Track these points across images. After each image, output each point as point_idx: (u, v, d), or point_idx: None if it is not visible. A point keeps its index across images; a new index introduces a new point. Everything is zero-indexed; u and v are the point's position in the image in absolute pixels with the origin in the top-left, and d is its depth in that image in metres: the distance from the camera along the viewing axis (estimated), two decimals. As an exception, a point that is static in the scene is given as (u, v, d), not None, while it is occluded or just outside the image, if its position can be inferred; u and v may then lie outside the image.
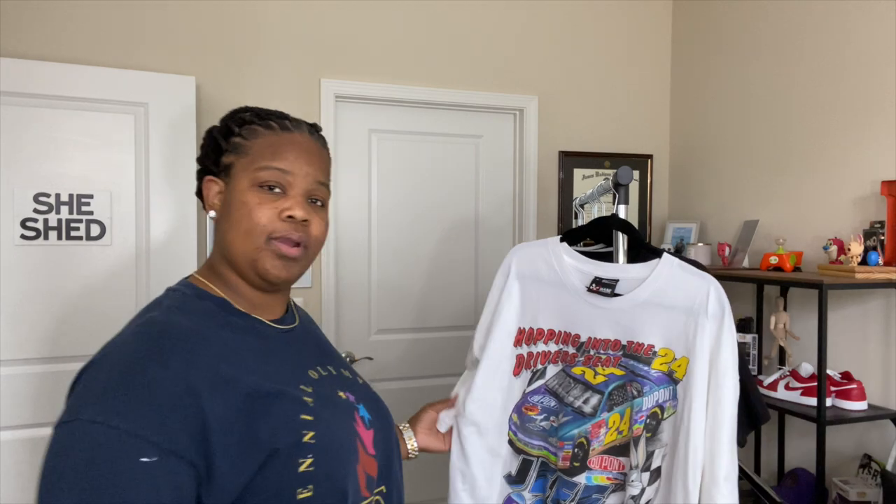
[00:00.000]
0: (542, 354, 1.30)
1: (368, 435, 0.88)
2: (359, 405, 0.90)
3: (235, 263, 0.86)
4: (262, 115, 0.90)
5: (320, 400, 0.83)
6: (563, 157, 2.93)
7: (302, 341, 0.93)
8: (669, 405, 1.21)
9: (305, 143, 0.89)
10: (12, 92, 2.05)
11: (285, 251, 0.84)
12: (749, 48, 2.62)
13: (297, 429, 0.77)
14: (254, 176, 0.85)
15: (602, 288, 1.25)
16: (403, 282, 2.76)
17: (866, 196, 2.12)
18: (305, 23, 2.55)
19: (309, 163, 0.88)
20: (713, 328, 1.17)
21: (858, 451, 2.11)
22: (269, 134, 0.88)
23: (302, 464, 0.75)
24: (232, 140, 0.89)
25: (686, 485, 1.15)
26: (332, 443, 0.79)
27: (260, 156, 0.86)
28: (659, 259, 1.24)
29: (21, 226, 2.09)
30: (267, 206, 0.84)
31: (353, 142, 2.68)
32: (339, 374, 0.94)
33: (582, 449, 1.24)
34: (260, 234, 0.83)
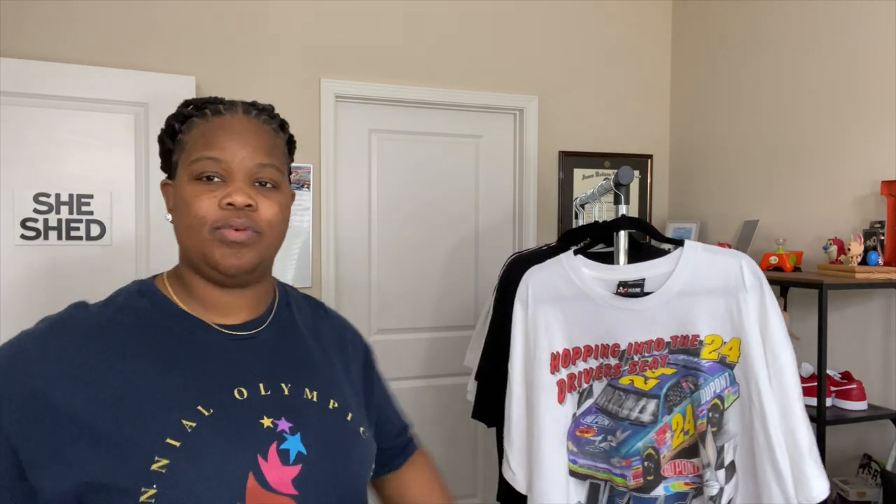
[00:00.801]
0: (584, 373, 1.25)
1: (284, 472, 0.77)
2: (292, 436, 0.79)
3: (190, 261, 0.83)
4: (199, 105, 0.86)
5: (212, 426, 0.75)
6: (563, 157, 2.93)
7: (255, 351, 0.85)
8: (729, 393, 1.16)
9: (238, 124, 0.84)
10: (12, 92, 2.05)
11: (231, 237, 0.79)
12: (749, 48, 2.62)
13: (151, 455, 0.71)
14: (190, 169, 0.81)
15: (631, 289, 1.22)
16: (403, 282, 2.76)
17: (866, 196, 2.12)
18: (305, 23, 2.55)
19: (243, 145, 0.82)
20: (755, 300, 1.14)
21: (858, 451, 2.11)
22: (201, 123, 0.83)
23: (144, 493, 0.69)
24: (177, 138, 0.85)
25: (777, 467, 1.09)
26: (193, 476, 0.71)
27: (193, 147, 0.82)
28: (682, 248, 1.20)
29: (21, 226, 2.09)
30: (205, 196, 0.79)
31: (353, 142, 2.68)
32: (292, 396, 0.83)
33: (652, 460, 1.19)
34: (201, 226, 0.79)
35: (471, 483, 2.86)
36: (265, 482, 0.75)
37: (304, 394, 0.85)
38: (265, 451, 0.76)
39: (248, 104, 0.88)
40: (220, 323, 0.84)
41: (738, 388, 1.15)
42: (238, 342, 0.84)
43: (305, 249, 2.56)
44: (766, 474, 1.11)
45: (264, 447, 0.77)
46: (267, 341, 0.87)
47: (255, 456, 0.76)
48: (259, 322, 0.88)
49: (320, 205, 2.57)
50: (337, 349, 0.97)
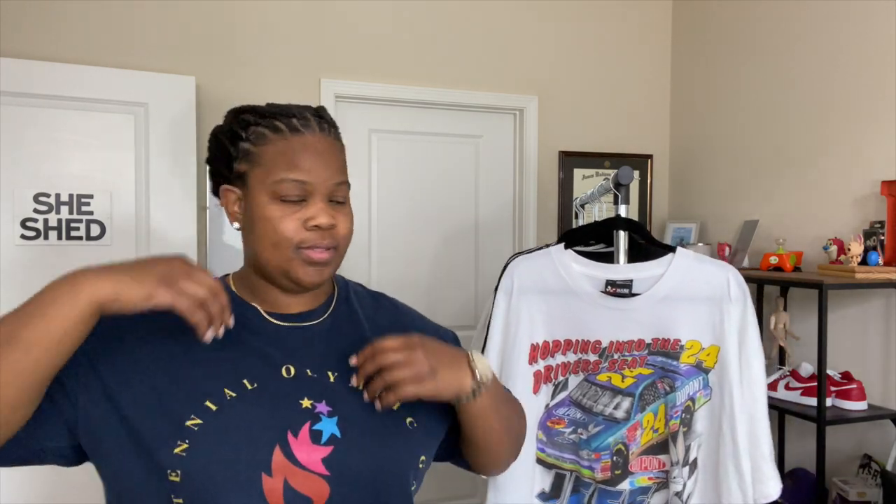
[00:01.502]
0: (561, 366, 1.27)
1: (314, 450, 0.79)
2: (329, 418, 0.82)
3: (266, 272, 0.86)
4: (265, 115, 0.86)
5: (251, 398, 0.80)
6: (563, 157, 2.93)
7: (309, 339, 0.88)
8: (701, 395, 1.22)
9: (319, 144, 0.85)
10: (12, 92, 2.05)
11: (317, 258, 0.83)
12: (749, 48, 2.62)
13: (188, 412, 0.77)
14: (273, 189, 0.83)
15: (619, 289, 1.24)
16: (403, 281, 2.76)
17: (866, 196, 2.12)
18: (305, 23, 2.55)
19: (326, 166, 0.84)
20: (738, 312, 1.20)
21: (858, 451, 2.11)
22: (278, 139, 0.84)
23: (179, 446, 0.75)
24: (241, 146, 0.86)
25: (739, 467, 1.17)
26: (221, 437, 0.77)
27: (275, 167, 0.83)
28: (673, 254, 1.24)
29: (21, 226, 2.09)
30: (290, 217, 0.82)
31: (353, 142, 2.68)
32: (337, 383, 0.86)
33: (621, 456, 1.23)
34: (287, 246, 0.82)
35: (471, 483, 2.86)
36: (293, 457, 0.78)
37: (351, 382, 0.86)
38: (297, 428, 0.80)
39: (319, 117, 0.88)
40: (278, 312, 0.88)
41: (710, 392, 1.22)
42: (287, 329, 0.88)
43: (305, 249, 2.56)
44: (728, 473, 1.18)
45: (297, 425, 0.80)
46: (320, 332, 0.90)
47: (285, 431, 0.79)
48: (315, 314, 0.91)
49: (320, 205, 2.57)
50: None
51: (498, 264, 2.87)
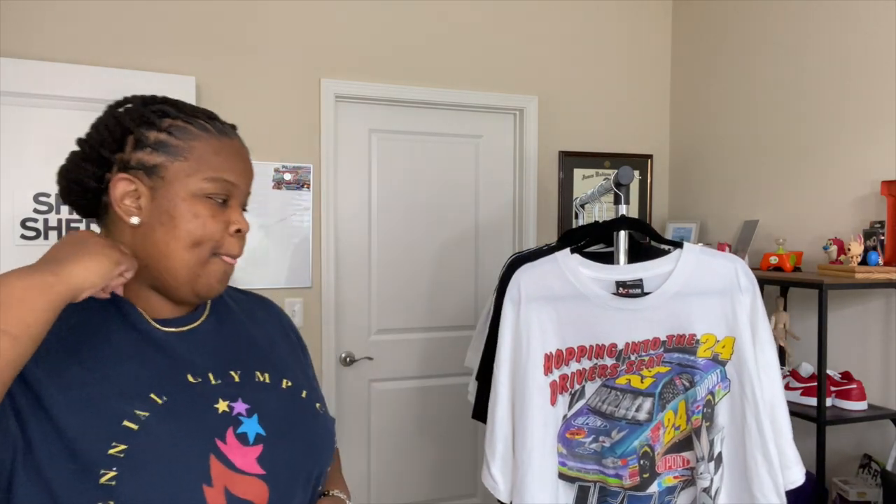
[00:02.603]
0: (577, 374, 1.24)
1: (246, 452, 0.78)
2: (249, 418, 0.80)
3: (165, 276, 0.81)
4: (186, 111, 0.83)
5: (166, 412, 0.75)
6: (563, 157, 2.93)
7: (199, 343, 0.85)
8: (720, 388, 1.22)
9: (244, 151, 0.87)
10: (12, 92, 2.05)
11: (230, 262, 0.83)
12: (749, 48, 2.62)
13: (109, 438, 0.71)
14: (201, 186, 0.80)
15: (631, 290, 1.23)
16: (403, 282, 2.76)
17: (866, 196, 2.12)
18: (305, 23, 2.55)
19: (248, 174, 0.86)
20: (748, 301, 1.22)
21: (858, 451, 2.11)
22: (207, 137, 0.82)
23: (104, 475, 0.70)
24: (152, 135, 0.80)
25: (768, 455, 1.17)
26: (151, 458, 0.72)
27: (206, 164, 0.80)
28: (681, 250, 1.24)
29: (21, 226, 2.09)
30: (217, 218, 0.81)
31: (353, 142, 2.68)
32: (244, 380, 0.84)
33: (648, 458, 1.21)
34: (208, 248, 0.80)
35: (471, 483, 2.86)
36: (230, 463, 0.76)
37: (256, 377, 0.86)
38: (222, 434, 0.77)
39: (232, 126, 0.88)
40: (156, 317, 0.84)
41: (728, 384, 1.22)
42: (182, 336, 0.84)
43: (305, 249, 2.56)
44: (756, 463, 1.18)
45: (221, 431, 0.77)
46: (208, 333, 0.87)
47: (213, 439, 0.76)
48: (194, 316, 0.87)
49: (320, 205, 2.57)
50: (279, 332, 0.98)
51: (498, 264, 2.88)
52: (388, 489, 2.75)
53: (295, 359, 0.97)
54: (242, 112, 2.46)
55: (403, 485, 2.77)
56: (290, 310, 2.53)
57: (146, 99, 0.84)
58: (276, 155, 2.52)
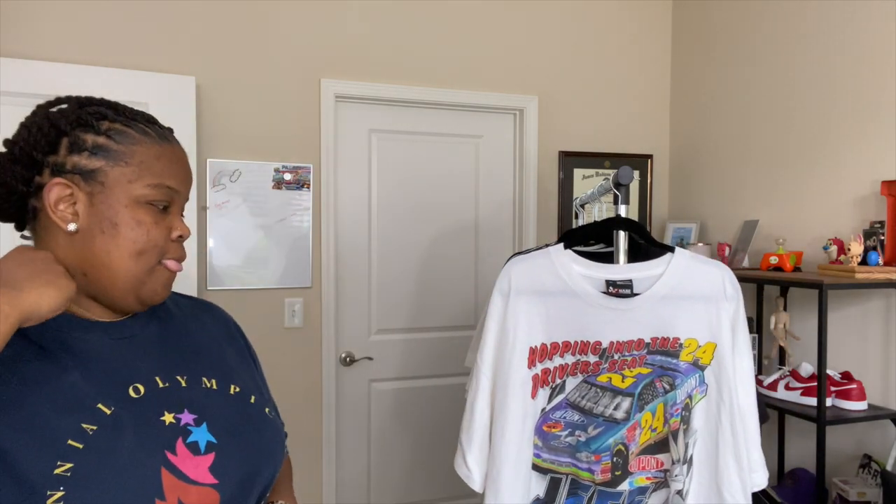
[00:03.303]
0: (559, 368, 1.26)
1: (199, 461, 0.76)
2: (198, 426, 0.78)
3: (112, 284, 0.78)
4: (125, 114, 0.81)
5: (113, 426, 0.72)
6: (563, 157, 2.93)
7: (144, 347, 0.82)
8: (697, 392, 1.24)
9: (184, 156, 0.85)
10: (12, 92, 2.05)
11: (174, 268, 0.82)
12: (749, 48, 2.62)
13: (53, 458, 0.68)
14: (143, 192, 0.78)
15: (621, 290, 1.25)
16: (403, 282, 2.76)
17: (866, 196, 2.12)
18: (305, 23, 2.55)
19: (188, 180, 0.85)
20: (732, 308, 1.24)
21: (858, 451, 2.11)
22: (148, 142, 0.80)
23: (51, 497, 0.66)
24: (91, 139, 0.77)
25: (739, 458, 1.21)
26: (101, 476, 0.69)
27: (148, 169, 0.78)
28: (672, 254, 1.25)
29: (21, 226, 2.09)
30: (160, 224, 0.79)
31: (353, 142, 2.68)
32: (190, 387, 0.82)
33: (621, 456, 1.24)
34: (154, 255, 0.79)
35: (471, 483, 2.86)
36: (182, 475, 0.74)
37: (203, 383, 0.84)
38: (172, 445, 0.75)
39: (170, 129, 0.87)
40: (99, 320, 0.81)
41: (706, 389, 1.24)
42: (124, 343, 0.81)
43: (305, 249, 2.56)
44: (728, 466, 1.21)
45: (171, 443, 0.75)
46: (151, 336, 0.84)
47: (163, 452, 0.74)
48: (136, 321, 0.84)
49: (320, 205, 2.57)
50: (226, 337, 0.96)
51: (498, 264, 2.88)
52: (388, 489, 2.75)
53: (243, 364, 0.95)
54: (242, 112, 2.47)
55: (403, 485, 2.77)
56: (290, 310, 2.53)
57: (82, 100, 0.82)
58: (276, 155, 2.52)
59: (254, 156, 2.49)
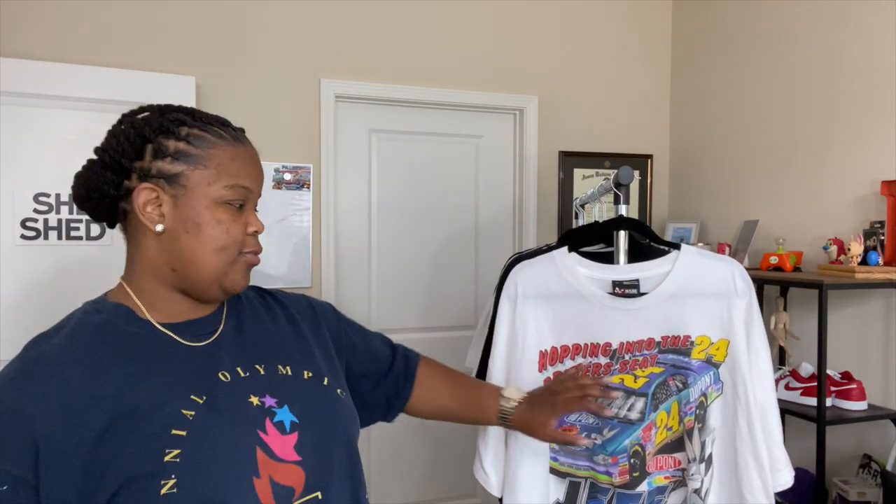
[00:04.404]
0: None
1: (286, 441, 0.82)
2: (280, 408, 0.84)
3: (199, 277, 0.83)
4: (202, 119, 0.86)
5: (209, 411, 0.78)
6: (563, 157, 2.93)
7: (223, 343, 0.88)
8: (712, 390, 1.22)
9: (256, 156, 0.90)
10: (12, 92, 2.05)
11: (254, 261, 0.88)
12: (749, 48, 2.62)
13: (161, 448, 0.73)
14: (221, 193, 0.83)
15: (627, 290, 1.24)
16: (403, 281, 2.76)
17: (866, 196, 2.12)
18: (305, 23, 2.55)
19: (261, 178, 0.90)
20: (744, 304, 1.21)
21: (858, 451, 2.11)
22: (223, 145, 0.84)
23: (164, 486, 0.71)
24: (171, 144, 0.82)
25: (759, 457, 1.18)
26: (206, 459, 0.75)
27: (225, 171, 0.83)
28: (678, 251, 1.24)
29: (21, 226, 2.09)
30: (237, 222, 0.85)
31: (353, 142, 2.68)
32: (269, 375, 0.88)
33: (638, 457, 1.22)
34: (234, 250, 0.85)
35: (471, 483, 2.86)
36: (272, 453, 0.80)
37: (279, 371, 0.89)
38: (262, 425, 0.81)
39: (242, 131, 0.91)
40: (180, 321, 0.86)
41: (721, 386, 1.22)
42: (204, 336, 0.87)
43: (305, 249, 2.56)
44: (748, 465, 1.19)
45: (261, 422, 0.81)
46: (228, 333, 0.90)
47: (256, 431, 0.80)
48: (215, 318, 0.90)
49: (320, 205, 2.57)
50: (300, 321, 1.00)
51: (498, 264, 2.88)
52: (388, 489, 2.75)
53: (320, 348, 0.99)
54: (242, 112, 2.46)
55: (403, 485, 2.77)
56: (290, 310, 2.53)
57: (163, 108, 0.86)
58: (276, 155, 2.52)
59: (254, 156, 2.49)
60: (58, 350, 0.78)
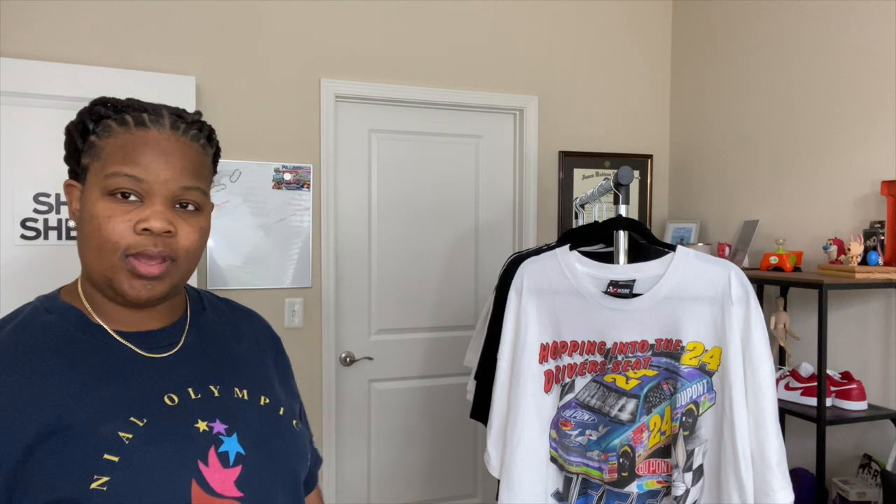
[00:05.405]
0: (568, 367, 1.28)
1: (226, 474, 0.75)
2: (229, 437, 0.78)
3: (92, 280, 0.77)
4: (118, 108, 0.78)
5: (148, 436, 0.72)
6: (563, 157, 2.93)
7: (179, 357, 0.82)
8: (705, 399, 1.18)
9: (164, 141, 0.76)
10: (12, 92, 2.05)
11: (144, 271, 0.74)
12: (749, 48, 2.62)
13: (89, 473, 0.68)
14: (104, 183, 0.74)
15: (620, 290, 1.24)
16: (403, 282, 2.76)
17: (866, 196, 2.12)
18: (305, 23, 2.55)
19: (168, 166, 0.76)
20: (740, 312, 1.16)
21: (858, 451, 2.11)
22: (122, 132, 0.76)
23: None
24: (88, 139, 0.78)
25: (739, 476, 1.13)
26: (135, 490, 0.69)
27: (110, 160, 0.75)
28: (673, 253, 1.22)
29: (21, 226, 2.09)
30: (119, 218, 0.73)
31: (353, 142, 2.68)
32: (223, 397, 0.81)
33: (627, 458, 1.22)
34: (113, 251, 0.73)
35: (471, 483, 2.86)
36: (209, 487, 0.74)
37: (234, 393, 0.83)
38: (205, 455, 0.75)
39: (176, 115, 0.80)
40: (135, 330, 0.80)
41: (714, 396, 1.18)
42: (160, 349, 0.81)
43: (305, 249, 2.56)
44: (728, 482, 1.14)
45: (203, 452, 0.75)
46: (187, 348, 0.84)
47: (196, 462, 0.74)
48: (175, 329, 0.84)
49: (320, 205, 2.57)
50: (262, 346, 0.96)
51: (498, 264, 2.88)
52: (388, 489, 2.75)
53: (276, 374, 0.94)
54: (242, 112, 2.47)
55: (403, 485, 2.77)
56: (290, 310, 2.53)
57: (93, 102, 0.81)
58: (276, 155, 2.52)
59: (254, 156, 2.49)
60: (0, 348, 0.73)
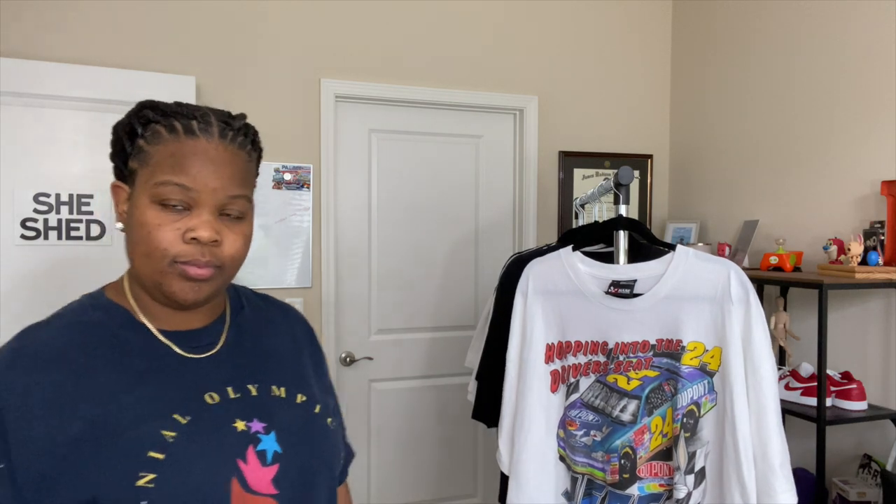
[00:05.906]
0: (573, 367, 1.29)
1: (265, 472, 0.77)
2: (266, 435, 0.80)
3: (141, 282, 0.80)
4: (166, 113, 0.79)
5: (191, 434, 0.75)
6: (563, 157, 2.93)
7: (218, 357, 0.84)
8: (706, 400, 1.17)
9: (212, 151, 0.77)
10: (12, 92, 2.05)
11: (193, 273, 0.76)
12: (749, 48, 2.62)
13: (135, 470, 0.70)
14: (153, 192, 0.75)
15: (621, 290, 1.24)
16: (403, 281, 2.76)
17: (866, 196, 2.12)
18: (305, 23, 2.55)
19: (217, 176, 0.77)
20: (741, 312, 1.15)
21: (858, 451, 2.11)
22: (171, 139, 0.77)
23: None
24: (136, 142, 0.79)
25: (741, 478, 1.11)
26: (180, 488, 0.71)
27: (160, 168, 0.76)
28: (673, 252, 1.22)
29: (21, 226, 2.09)
30: (168, 227, 0.75)
31: (353, 142, 2.68)
32: (261, 396, 0.83)
33: (628, 459, 1.21)
34: (161, 258, 0.75)
35: (471, 483, 2.86)
36: (247, 485, 0.76)
37: (272, 391, 0.85)
38: (244, 454, 0.77)
39: (224, 122, 0.80)
40: (178, 329, 0.82)
41: (715, 397, 1.17)
42: (199, 349, 0.83)
43: (305, 249, 2.56)
44: (730, 483, 1.13)
45: (242, 450, 0.77)
46: (227, 347, 0.85)
47: (236, 460, 0.76)
48: (213, 329, 0.86)
49: (320, 205, 2.57)
50: (297, 342, 0.96)
51: (498, 264, 2.88)
52: (388, 489, 2.75)
53: (312, 371, 0.95)
54: (242, 112, 2.46)
55: (403, 485, 2.77)
56: (290, 310, 2.53)
57: (141, 105, 0.82)
58: (276, 155, 2.52)
59: (254, 156, 2.49)
60: (48, 345, 0.75)
